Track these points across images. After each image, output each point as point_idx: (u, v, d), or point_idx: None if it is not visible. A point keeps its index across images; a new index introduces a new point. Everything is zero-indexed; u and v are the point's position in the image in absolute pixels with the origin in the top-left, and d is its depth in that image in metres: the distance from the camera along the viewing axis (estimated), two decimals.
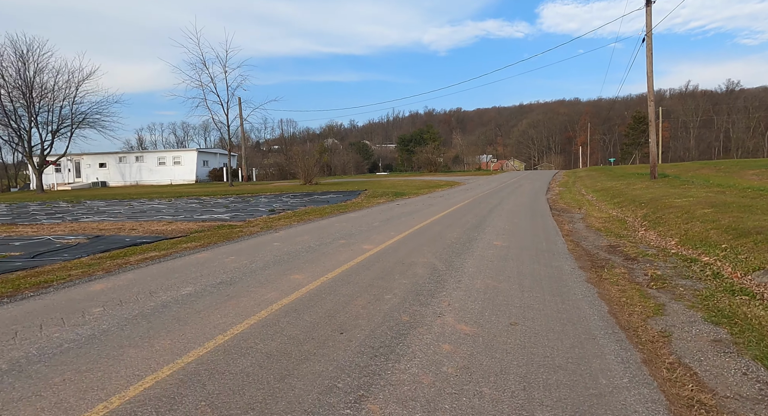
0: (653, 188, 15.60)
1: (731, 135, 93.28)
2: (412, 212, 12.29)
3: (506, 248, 6.99)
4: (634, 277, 5.31)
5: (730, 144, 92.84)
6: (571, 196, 17.86)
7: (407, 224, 9.60)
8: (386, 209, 13.41)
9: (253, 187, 28.23)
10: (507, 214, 11.66)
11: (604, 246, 7.36)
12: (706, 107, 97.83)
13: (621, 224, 9.95)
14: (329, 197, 19.60)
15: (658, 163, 55.76)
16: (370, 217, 11.05)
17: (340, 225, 9.51)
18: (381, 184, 28.44)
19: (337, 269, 5.29)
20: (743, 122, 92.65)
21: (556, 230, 9.01)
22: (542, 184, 27.02)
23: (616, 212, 12.07)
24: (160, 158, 38.79)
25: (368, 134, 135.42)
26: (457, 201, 15.83)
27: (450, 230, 8.64)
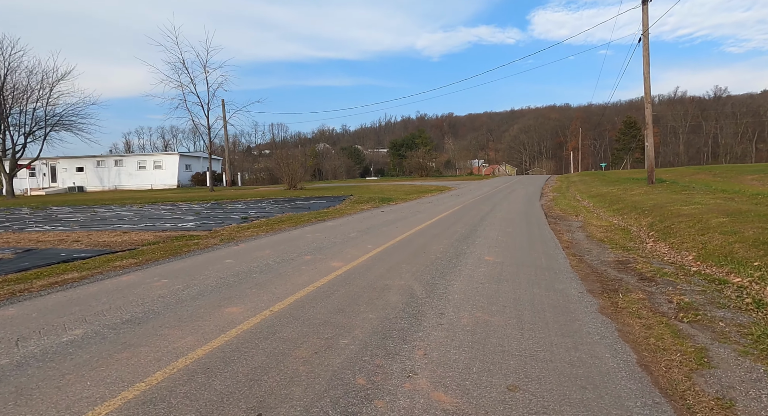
0: (653, 193, 14.76)
1: (720, 141, 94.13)
2: (397, 220, 11.25)
3: (500, 264, 5.97)
4: (657, 305, 4.31)
5: (719, 149, 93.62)
6: (566, 202, 16.98)
7: (389, 234, 8.55)
8: (369, 216, 12.35)
9: (235, 192, 26.99)
10: (500, 222, 10.67)
11: (611, 262, 6.38)
12: (694, 112, 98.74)
13: (625, 235, 9.01)
14: (312, 203, 18.50)
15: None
16: (349, 226, 9.98)
17: (313, 236, 8.43)
18: (369, 189, 27.39)
19: (288, 297, 4.21)
20: (731, 128, 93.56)
21: (555, 242, 8.03)
22: (535, 189, 26.21)
23: (618, 220, 11.15)
24: (140, 161, 37.26)
25: (360, 138, 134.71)
26: (447, 208, 14.84)
27: (436, 242, 7.61)
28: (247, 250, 6.89)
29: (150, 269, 5.49)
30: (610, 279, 5.33)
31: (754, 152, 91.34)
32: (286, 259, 6.09)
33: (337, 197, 21.12)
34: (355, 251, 6.67)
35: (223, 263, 5.81)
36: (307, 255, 6.35)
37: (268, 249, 6.87)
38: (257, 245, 7.33)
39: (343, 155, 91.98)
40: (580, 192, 21.69)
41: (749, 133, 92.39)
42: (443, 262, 6.03)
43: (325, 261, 5.92)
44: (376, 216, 12.34)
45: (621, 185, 20.69)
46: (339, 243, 7.47)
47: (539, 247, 7.46)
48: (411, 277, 5.12)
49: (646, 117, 18.30)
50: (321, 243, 7.48)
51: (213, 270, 5.41)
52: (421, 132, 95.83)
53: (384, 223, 10.52)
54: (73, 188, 36.22)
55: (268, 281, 4.87)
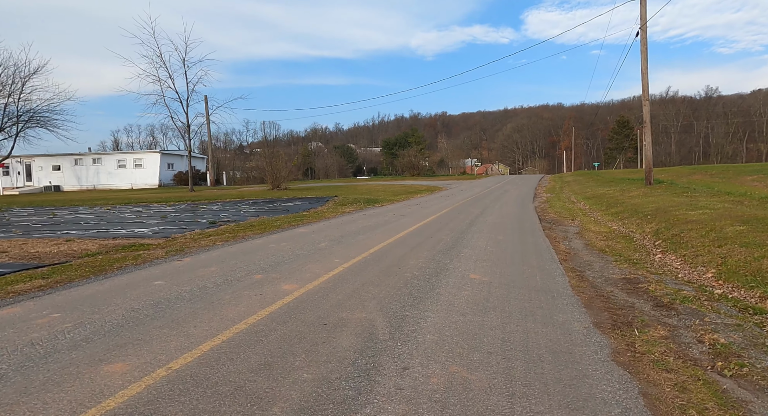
0: (653, 196, 13.92)
1: (711, 140, 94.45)
2: (378, 225, 10.25)
3: (487, 285, 4.99)
4: (686, 347, 3.36)
5: (710, 149, 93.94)
6: (561, 204, 16.10)
7: (363, 244, 7.54)
8: (348, 221, 11.33)
9: (216, 192, 25.81)
10: (490, 228, 9.72)
11: (617, 280, 5.44)
12: (686, 112, 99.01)
13: (628, 243, 8.09)
14: (293, 204, 17.43)
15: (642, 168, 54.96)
16: (322, 233, 8.95)
17: (277, 246, 7.39)
18: (357, 189, 26.36)
19: (205, 343, 3.18)
20: (722, 128, 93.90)
21: (551, 253, 7.08)
22: (528, 189, 25.37)
23: (617, 225, 10.26)
24: (119, 160, 35.73)
25: (354, 137, 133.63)
26: (435, 210, 13.87)
27: (415, 255, 6.62)
28: (189, 266, 5.84)
29: (49, 297, 4.41)
30: (620, 306, 4.38)
31: (745, 151, 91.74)
32: (231, 279, 5.05)
33: (321, 198, 20.07)
34: (317, 268, 5.65)
35: (149, 287, 4.76)
36: (258, 274, 5.31)
37: (215, 265, 5.82)
38: (206, 260, 6.28)
39: (335, 154, 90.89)
40: (575, 193, 20.86)
41: (740, 133, 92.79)
42: (420, 283, 5.03)
43: (277, 283, 4.89)
44: (357, 221, 11.32)
45: (617, 186, 19.89)
46: (303, 256, 6.44)
47: (533, 260, 6.50)
48: (376, 306, 4.12)
49: (644, 114, 17.49)
50: (282, 256, 6.45)
51: (129, 298, 4.35)
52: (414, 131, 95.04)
53: (362, 229, 9.51)
54: (49, 187, 34.70)
55: (192, 314, 3.83)
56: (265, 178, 25.56)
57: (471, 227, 9.94)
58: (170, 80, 25.41)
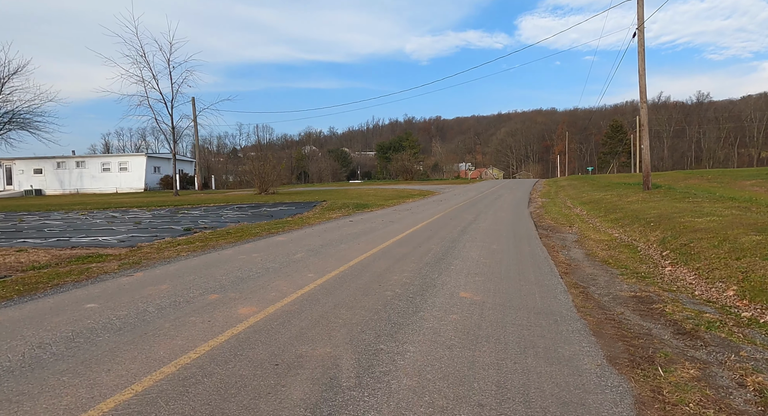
0: (653, 201, 13.36)
1: (703, 145, 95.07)
2: (363, 233, 9.54)
3: (479, 307, 4.31)
4: (726, 395, 2.69)
5: (702, 154, 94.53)
6: (557, 209, 15.51)
7: (344, 255, 6.83)
8: (333, 228, 10.62)
9: (202, 196, 24.94)
10: (483, 236, 9.05)
11: (627, 298, 4.78)
12: (678, 117, 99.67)
13: (632, 253, 7.46)
14: (278, 209, 16.68)
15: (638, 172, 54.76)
16: (301, 242, 8.23)
17: (247, 258, 6.66)
18: (347, 193, 25.64)
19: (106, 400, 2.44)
20: (714, 133, 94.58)
21: (550, 265, 6.42)
22: (523, 194, 24.82)
23: (619, 233, 9.64)
24: (104, 163, 34.65)
25: (348, 141, 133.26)
26: (426, 216, 13.19)
27: (400, 268, 5.92)
28: (138, 284, 5.08)
29: None
30: (635, 333, 3.71)
31: (736, 156, 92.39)
32: (180, 301, 4.31)
33: (309, 202, 19.33)
34: (285, 285, 4.92)
35: (77, 311, 4.00)
36: (215, 293, 4.57)
37: (168, 282, 5.07)
38: (160, 275, 5.52)
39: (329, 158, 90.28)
40: (571, 198, 20.32)
41: (731, 138, 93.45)
42: (401, 304, 4.33)
43: (233, 305, 4.16)
44: (342, 228, 10.60)
45: (614, 191, 19.38)
46: (273, 270, 5.71)
47: (531, 273, 5.83)
48: (345, 337, 3.41)
49: (641, 117, 17.00)
50: (249, 271, 5.72)
51: (45, 328, 3.60)
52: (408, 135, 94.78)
53: (346, 237, 8.80)
54: (30, 191, 33.55)
55: (112, 352, 3.09)
56: (252, 181, 24.76)
57: (463, 234, 9.28)
58: (154, 81, 24.59)
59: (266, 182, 23.65)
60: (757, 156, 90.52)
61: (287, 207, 17.60)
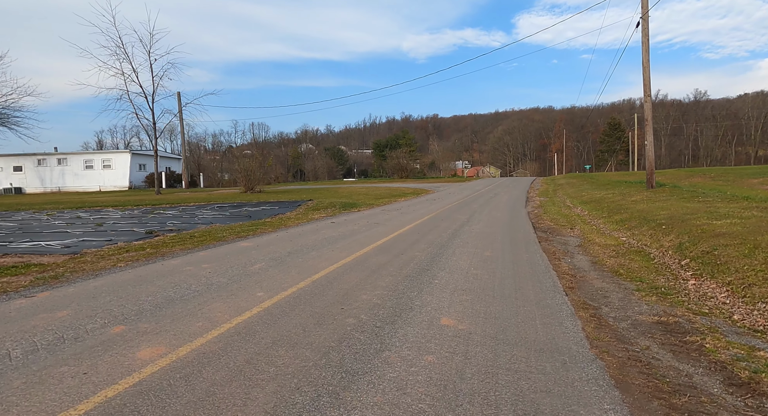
0: (659, 200, 12.42)
1: (700, 143, 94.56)
2: (342, 236, 8.54)
3: (464, 341, 3.33)
4: None
5: (699, 152, 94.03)
6: (556, 209, 14.57)
7: (310, 265, 5.83)
8: (310, 230, 9.61)
9: (185, 195, 23.83)
10: (476, 240, 8.08)
11: (651, 325, 3.81)
12: (675, 115, 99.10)
13: (645, 261, 6.50)
14: (260, 209, 15.65)
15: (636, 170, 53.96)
16: (267, 249, 7.22)
17: (193, 270, 5.64)
18: (338, 192, 24.62)
19: None
20: (711, 131, 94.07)
21: (552, 277, 5.45)
22: (520, 193, 23.88)
23: (626, 236, 8.69)
24: (86, 160, 33.37)
25: (345, 139, 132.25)
26: (416, 217, 12.20)
27: (372, 283, 4.93)
28: (31, 308, 4.05)
29: None
30: (674, 386, 2.73)
31: (734, 155, 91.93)
32: (66, 338, 3.29)
33: (295, 202, 18.30)
34: (221, 311, 3.92)
35: None
36: (122, 324, 3.56)
37: (71, 307, 4.05)
38: (68, 296, 4.48)
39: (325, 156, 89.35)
40: (570, 197, 19.39)
41: (728, 136, 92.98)
42: (363, 338, 3.33)
43: (134, 345, 3.15)
44: (320, 230, 9.60)
45: (615, 189, 18.46)
46: (215, 288, 4.70)
47: (530, 288, 4.85)
48: (267, 402, 2.40)
49: (645, 111, 16.06)
50: (185, 289, 4.70)
51: None
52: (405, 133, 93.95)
53: (321, 243, 7.80)
54: (9, 189, 32.31)
55: None
56: (238, 179, 23.69)
57: (454, 238, 8.29)
58: (134, 74, 23.41)
59: (252, 180, 22.59)
60: (755, 154, 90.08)
61: (270, 207, 16.57)
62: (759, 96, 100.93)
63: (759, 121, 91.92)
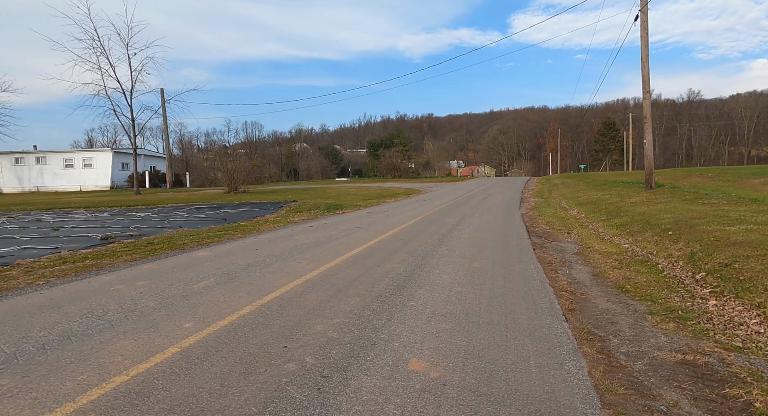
0: (660, 202, 11.70)
1: (694, 143, 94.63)
2: (316, 244, 7.69)
3: (434, 398, 2.50)
4: None
5: (693, 152, 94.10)
6: (551, 211, 13.81)
7: (265, 282, 4.98)
8: (284, 236, 8.75)
9: (166, 195, 22.82)
10: (464, 248, 7.26)
11: (674, 367, 3.01)
12: (669, 115, 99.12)
13: (653, 274, 5.72)
14: (240, 211, 14.76)
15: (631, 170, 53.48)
16: (225, 260, 6.36)
17: (123, 290, 4.77)
18: (326, 192, 23.74)
19: None
20: (705, 131, 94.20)
21: (548, 295, 4.65)
22: (514, 193, 23.14)
23: (628, 242, 7.92)
24: (66, 159, 32.13)
25: (340, 138, 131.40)
26: (402, 220, 11.38)
27: (333, 308, 4.10)
28: None
29: None
30: None
31: (727, 155, 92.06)
32: None
33: (277, 203, 17.40)
34: (123, 354, 3.06)
35: None
36: None
37: None
38: None
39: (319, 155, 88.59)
40: (566, 198, 18.66)
41: (722, 136, 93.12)
42: (299, 398, 2.49)
43: None
44: (294, 236, 8.74)
45: (612, 190, 17.75)
46: (137, 316, 3.83)
47: (522, 311, 4.04)
48: None
49: (644, 108, 15.35)
50: (97, 318, 3.83)
51: None
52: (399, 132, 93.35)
53: (289, 252, 6.94)
54: None
55: None
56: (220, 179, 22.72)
57: (440, 246, 7.47)
58: (111, 69, 22.32)
59: (235, 180, 21.63)
60: (747, 154, 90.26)
61: (251, 208, 15.67)
62: (752, 96, 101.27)
63: (752, 121, 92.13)
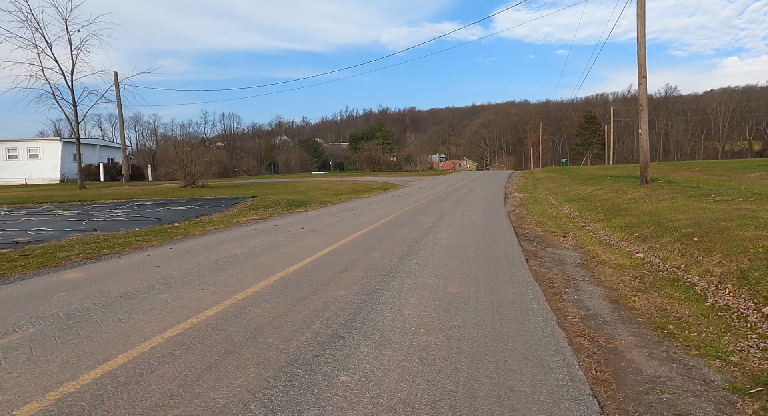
0: (665, 199, 10.30)
1: (671, 138, 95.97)
2: (247, 256, 5.88)
3: None
4: None
5: (670, 146, 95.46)
6: (540, 208, 12.31)
7: (125, 335, 3.18)
8: (212, 244, 6.89)
9: (111, 190, 20.42)
10: (439, 260, 5.58)
11: None
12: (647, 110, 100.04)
13: (694, 303, 4.17)
14: (187, 208, 12.77)
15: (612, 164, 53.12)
16: (97, 286, 4.51)
17: None
18: (295, 187, 21.77)
19: None
20: (681, 126, 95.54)
21: (562, 350, 3.01)
22: (497, 188, 21.69)
23: (641, 250, 6.40)
24: (9, 149, 28.93)
25: (321, 132, 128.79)
26: (370, 220, 9.65)
27: (201, 395, 2.32)
28: None
29: None
30: None
31: (702, 149, 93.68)
32: None
33: (235, 198, 15.40)
34: None
35: None
36: None
37: None
38: None
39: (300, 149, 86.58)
40: (553, 193, 17.27)
41: (698, 131, 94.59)
42: None
43: None
44: (228, 243, 6.90)
45: (602, 184, 16.43)
46: None
47: (530, 403, 2.36)
48: None
49: (639, 95, 13.99)
50: None
51: None
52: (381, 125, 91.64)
53: (201, 270, 5.12)
54: None
55: None
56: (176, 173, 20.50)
57: (408, 257, 5.77)
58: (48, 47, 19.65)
59: (193, 173, 19.44)
60: (722, 149, 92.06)
61: (201, 205, 13.66)
62: (726, 92, 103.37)
63: (726, 116, 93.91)
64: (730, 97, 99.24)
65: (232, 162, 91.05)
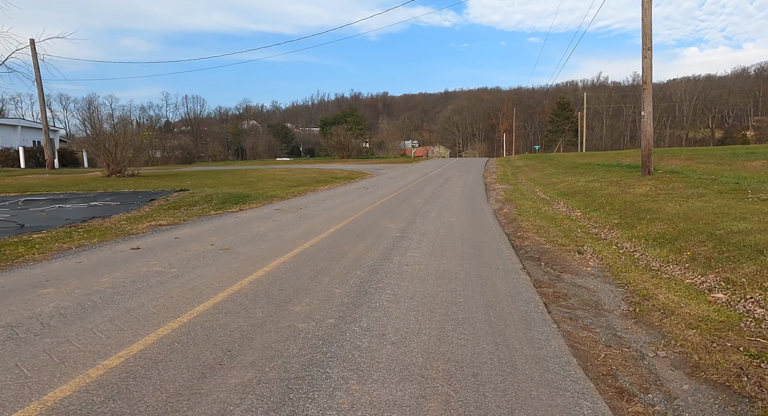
0: (692, 197, 8.29)
1: (638, 125, 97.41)
2: (78, 314, 3.25)
3: None
4: None
5: (637, 133, 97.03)
6: (531, 205, 10.13)
7: None
8: (29, 284, 4.19)
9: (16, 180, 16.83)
10: (407, 314, 3.15)
11: None
12: (616, 97, 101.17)
13: None
14: (88, 206, 9.80)
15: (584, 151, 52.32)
16: None
17: None
18: (245, 176, 18.80)
19: None
20: None
21: None
22: (475, 177, 19.53)
23: (717, 285, 4.24)
24: None
25: (292, 117, 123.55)
26: (315, 228, 7.13)
27: None
28: None
29: None
30: None
31: (668, 137, 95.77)
32: None
33: (159, 192, 12.42)
34: None
35: None
36: None
37: None
38: None
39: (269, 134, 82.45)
40: (539, 184, 15.23)
41: (664, 118, 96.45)
42: None
43: None
44: (57, 280, 4.23)
45: (594, 175, 14.50)
46: None
47: None
48: None
49: (643, 71, 11.94)
50: None
51: None
52: (353, 110, 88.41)
53: None
54: None
55: None
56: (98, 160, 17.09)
57: (354, 312, 3.32)
58: None
59: (120, 161, 16.14)
60: (686, 136, 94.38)
61: (112, 201, 10.69)
62: (689, 81, 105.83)
63: (690, 104, 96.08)
64: (693, 86, 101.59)
65: (197, 147, 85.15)
